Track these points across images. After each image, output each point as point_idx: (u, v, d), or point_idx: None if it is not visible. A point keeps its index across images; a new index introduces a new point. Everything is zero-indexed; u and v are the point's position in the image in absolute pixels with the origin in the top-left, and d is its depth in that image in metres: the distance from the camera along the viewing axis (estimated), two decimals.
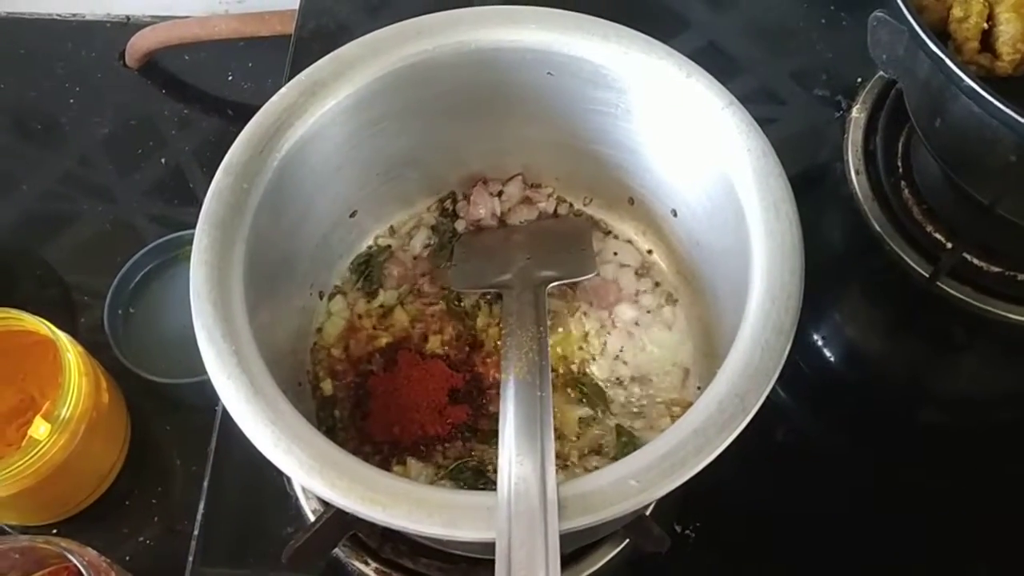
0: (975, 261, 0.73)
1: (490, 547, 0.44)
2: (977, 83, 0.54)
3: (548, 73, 0.60)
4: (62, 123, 1.15)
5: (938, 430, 0.75)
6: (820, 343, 0.76)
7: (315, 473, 0.45)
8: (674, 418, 0.62)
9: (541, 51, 0.59)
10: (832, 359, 0.76)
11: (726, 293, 0.58)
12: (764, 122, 0.55)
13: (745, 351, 0.47)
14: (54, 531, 0.83)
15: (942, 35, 0.63)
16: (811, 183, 0.82)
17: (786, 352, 0.47)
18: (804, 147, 0.84)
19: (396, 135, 0.63)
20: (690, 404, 0.50)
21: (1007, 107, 0.53)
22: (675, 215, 0.63)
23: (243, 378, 0.48)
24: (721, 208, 0.56)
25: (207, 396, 0.72)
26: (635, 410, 0.62)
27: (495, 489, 0.58)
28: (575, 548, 0.63)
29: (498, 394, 0.61)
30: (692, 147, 0.57)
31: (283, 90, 0.57)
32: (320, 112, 0.57)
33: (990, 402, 0.77)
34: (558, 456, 0.57)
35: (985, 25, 0.62)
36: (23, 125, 1.16)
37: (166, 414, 0.92)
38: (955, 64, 0.55)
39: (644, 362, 0.64)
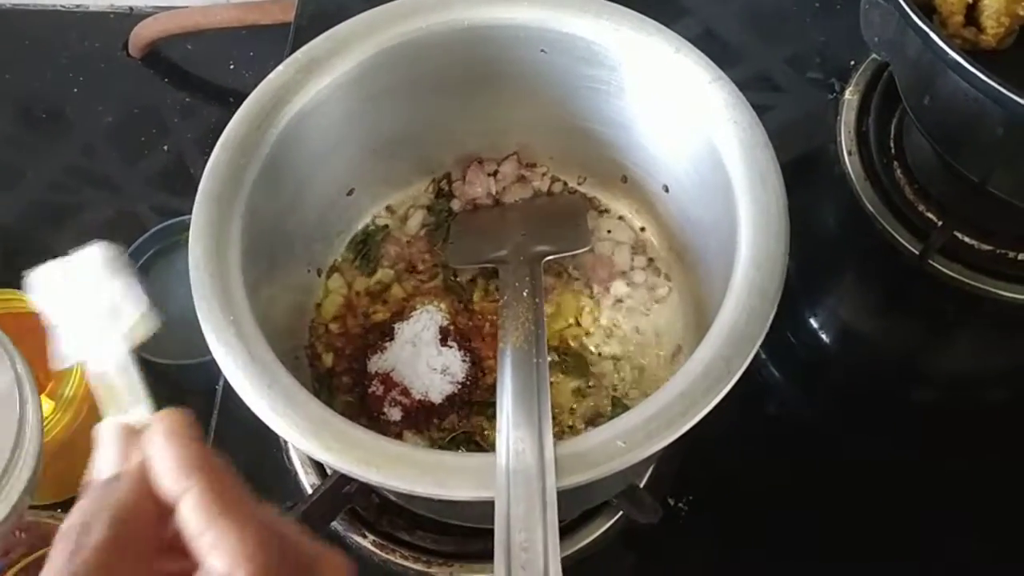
0: (966, 239, 0.74)
1: (485, 514, 0.45)
2: (962, 56, 0.55)
3: (541, 50, 0.61)
4: (66, 112, 1.16)
5: (930, 408, 0.76)
6: (813, 321, 0.77)
7: (311, 437, 0.46)
8: None
9: (534, 28, 0.60)
10: (825, 337, 0.77)
11: (716, 267, 0.58)
12: (762, 108, 0.56)
13: (730, 317, 0.48)
14: (58, 509, 0.84)
15: (928, 10, 0.64)
16: (805, 165, 0.83)
17: (771, 317, 0.48)
18: (799, 130, 0.85)
19: (392, 113, 0.64)
20: None
21: (991, 79, 0.54)
22: (667, 191, 0.64)
23: (240, 346, 0.49)
24: (710, 181, 0.56)
25: (207, 377, 0.73)
26: (628, 383, 0.63)
27: None
28: (569, 519, 0.65)
29: (493, 367, 0.62)
30: (682, 122, 0.58)
31: (280, 67, 0.59)
32: (316, 89, 0.58)
33: (982, 379, 0.78)
34: (555, 426, 0.58)
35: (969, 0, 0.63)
36: (27, 115, 1.17)
37: (167, 395, 0.93)
38: (940, 38, 0.56)
39: (637, 337, 0.65)
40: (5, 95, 1.18)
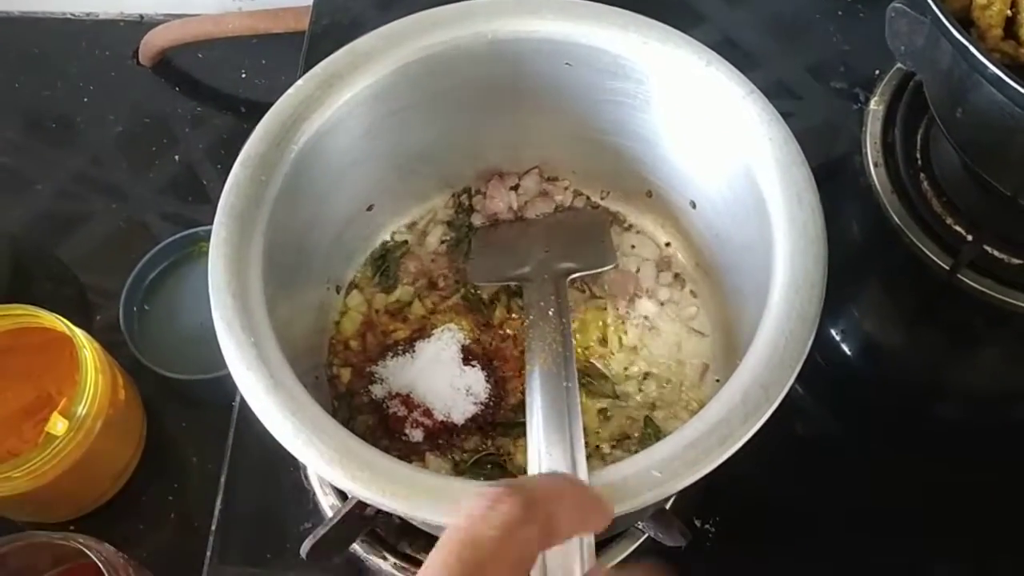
0: (996, 253, 0.72)
1: None
2: (1002, 70, 0.53)
3: (566, 64, 0.60)
4: (76, 122, 1.15)
5: (958, 425, 0.74)
6: (838, 337, 0.76)
7: (336, 464, 0.45)
8: (693, 412, 0.61)
9: (559, 41, 0.59)
10: (850, 353, 0.76)
11: (746, 285, 0.57)
12: (782, 116, 0.55)
13: (769, 341, 0.47)
14: (71, 528, 0.83)
15: (963, 23, 0.62)
16: (829, 176, 0.81)
17: (810, 342, 0.47)
18: (822, 140, 0.84)
19: (412, 128, 0.62)
20: (709, 398, 0.50)
21: None
22: (694, 207, 0.63)
23: (263, 370, 0.48)
24: (742, 199, 0.55)
25: (223, 392, 0.72)
26: (654, 403, 0.62)
27: None
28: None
29: (516, 387, 0.61)
30: (712, 137, 0.57)
31: (299, 82, 0.57)
32: (337, 104, 0.57)
33: (1011, 396, 0.76)
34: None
35: (1009, 12, 0.61)
36: (37, 124, 1.16)
37: (182, 411, 0.92)
38: (980, 52, 0.54)
39: (663, 355, 0.64)
40: (14, 104, 1.17)
